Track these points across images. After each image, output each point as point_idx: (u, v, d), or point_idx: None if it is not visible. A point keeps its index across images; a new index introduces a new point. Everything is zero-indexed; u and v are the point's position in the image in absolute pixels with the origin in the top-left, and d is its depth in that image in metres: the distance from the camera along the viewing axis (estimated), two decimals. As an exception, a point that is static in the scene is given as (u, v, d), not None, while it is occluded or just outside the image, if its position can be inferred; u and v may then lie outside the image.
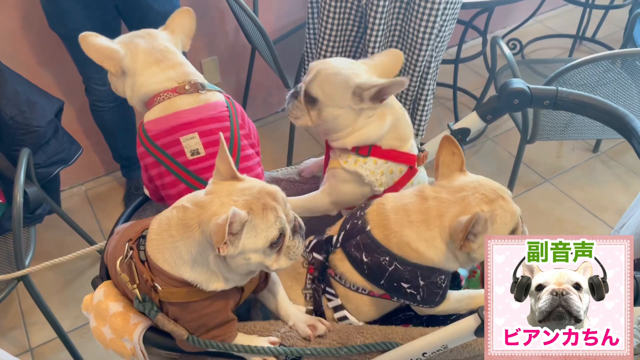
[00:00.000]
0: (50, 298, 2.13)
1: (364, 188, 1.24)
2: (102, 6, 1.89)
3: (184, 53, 1.33)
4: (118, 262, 1.04)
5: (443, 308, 1.10)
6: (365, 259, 1.06)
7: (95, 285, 1.14)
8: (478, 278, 1.30)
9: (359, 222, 1.10)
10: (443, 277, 1.05)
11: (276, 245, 0.95)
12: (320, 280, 1.13)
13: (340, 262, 1.10)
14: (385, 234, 1.05)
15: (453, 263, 1.05)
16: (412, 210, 1.04)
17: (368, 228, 1.08)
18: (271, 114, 3.01)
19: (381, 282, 1.06)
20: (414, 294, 1.04)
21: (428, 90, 2.03)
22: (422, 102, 2.04)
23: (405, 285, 1.04)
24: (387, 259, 1.04)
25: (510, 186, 2.25)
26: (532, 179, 2.62)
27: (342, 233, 1.12)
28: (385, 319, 1.16)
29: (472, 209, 0.98)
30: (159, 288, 0.98)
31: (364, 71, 1.19)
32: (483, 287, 1.26)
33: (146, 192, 1.32)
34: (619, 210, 2.45)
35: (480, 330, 0.93)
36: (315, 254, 1.15)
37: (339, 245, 1.11)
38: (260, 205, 0.93)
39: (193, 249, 0.94)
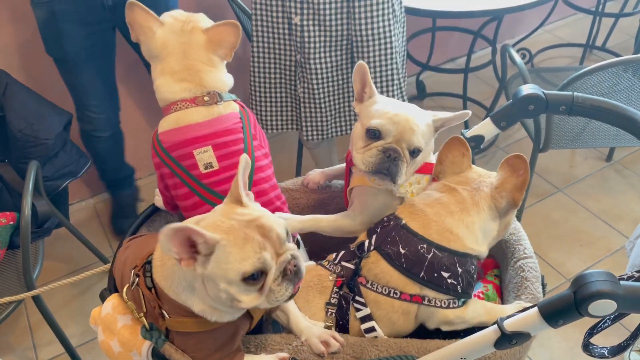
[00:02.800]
0: (58, 312, 2.11)
1: (395, 201, 1.22)
2: (101, 26, 1.88)
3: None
4: (125, 290, 1.03)
5: (473, 307, 1.08)
6: (402, 251, 1.07)
7: (103, 298, 1.12)
8: (493, 291, 1.27)
9: (391, 222, 1.12)
10: (474, 267, 1.09)
11: (254, 282, 0.87)
12: (350, 287, 1.10)
13: (374, 265, 1.09)
14: (424, 224, 1.09)
15: (484, 245, 1.11)
16: (449, 203, 1.11)
17: (403, 222, 1.11)
18: (280, 126, 2.99)
19: (421, 275, 1.05)
20: (454, 283, 1.05)
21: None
22: None
23: (446, 275, 1.05)
24: (425, 246, 1.06)
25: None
26: (545, 189, 2.59)
27: (374, 236, 1.12)
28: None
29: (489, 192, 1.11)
30: (167, 317, 0.96)
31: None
32: (500, 303, 1.23)
33: (157, 203, 1.31)
34: (634, 220, 2.40)
35: (500, 343, 0.90)
36: (344, 263, 1.13)
37: (372, 248, 1.11)
38: (242, 235, 0.87)
39: (187, 274, 0.91)
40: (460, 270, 1.06)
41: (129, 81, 2.38)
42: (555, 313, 0.84)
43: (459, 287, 1.05)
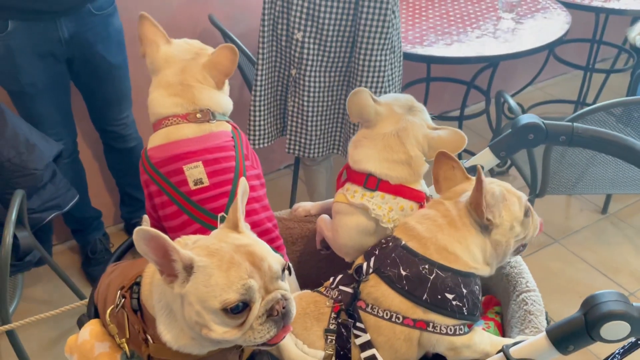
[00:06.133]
0: (34, 355, 1.99)
1: (370, 223, 1.17)
2: (56, 58, 1.88)
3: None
4: (108, 312, 0.96)
5: (480, 335, 1.02)
6: (404, 273, 1.02)
7: (81, 324, 1.05)
8: (495, 329, 1.21)
9: (389, 243, 1.07)
10: (478, 287, 1.05)
11: (235, 315, 0.79)
12: (349, 313, 1.04)
13: (374, 288, 1.04)
14: (422, 243, 1.05)
15: (483, 264, 1.06)
16: (435, 216, 1.07)
17: (403, 242, 1.06)
18: (273, 171, 2.98)
19: (424, 298, 0.99)
20: (459, 305, 0.99)
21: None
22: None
23: (450, 296, 0.99)
24: (427, 267, 1.01)
25: (520, 244, 2.17)
26: (542, 240, 2.55)
27: (373, 258, 1.07)
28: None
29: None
30: (150, 342, 0.89)
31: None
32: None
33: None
34: (632, 273, 2.36)
35: (506, 371, 0.84)
36: (342, 287, 1.07)
37: (371, 271, 1.05)
38: (228, 258, 0.80)
39: (168, 292, 0.84)
40: (465, 291, 1.00)
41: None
42: (565, 337, 0.79)
43: (464, 309, 1.00)
